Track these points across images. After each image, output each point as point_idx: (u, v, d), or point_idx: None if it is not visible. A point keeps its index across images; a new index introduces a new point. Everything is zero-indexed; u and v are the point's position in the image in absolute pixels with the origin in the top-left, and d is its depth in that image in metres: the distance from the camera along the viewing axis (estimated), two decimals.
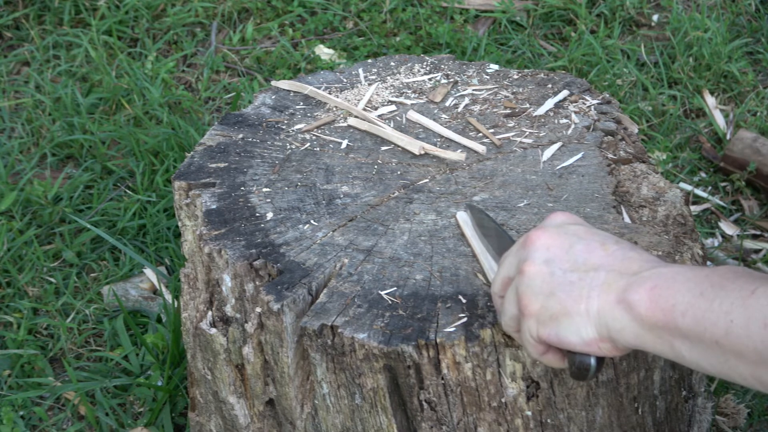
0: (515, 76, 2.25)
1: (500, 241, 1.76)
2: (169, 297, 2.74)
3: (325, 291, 1.79)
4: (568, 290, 1.50)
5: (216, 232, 1.90)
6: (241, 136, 2.12)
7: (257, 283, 1.84)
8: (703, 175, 3.19)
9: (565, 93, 2.18)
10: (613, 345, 1.50)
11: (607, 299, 1.47)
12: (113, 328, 2.73)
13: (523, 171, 2.02)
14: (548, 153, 2.06)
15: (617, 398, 1.84)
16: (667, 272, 1.45)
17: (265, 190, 1.99)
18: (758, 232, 3.03)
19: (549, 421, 1.78)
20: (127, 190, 3.11)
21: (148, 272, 2.87)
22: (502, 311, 1.60)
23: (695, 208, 3.07)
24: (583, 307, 1.49)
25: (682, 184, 3.13)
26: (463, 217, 1.91)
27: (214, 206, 1.95)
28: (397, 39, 3.64)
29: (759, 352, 1.36)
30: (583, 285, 1.49)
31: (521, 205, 1.94)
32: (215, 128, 2.15)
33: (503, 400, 1.75)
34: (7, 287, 2.86)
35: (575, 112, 2.15)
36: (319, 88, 2.25)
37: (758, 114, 3.33)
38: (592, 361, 1.52)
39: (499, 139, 2.09)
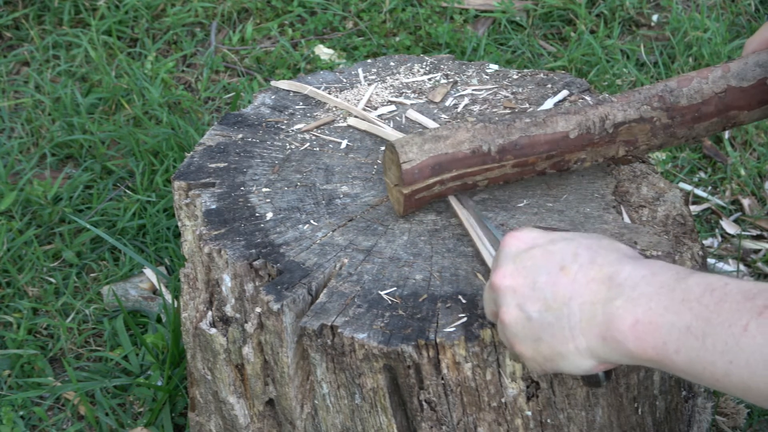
0: (515, 76, 2.25)
1: (491, 240, 1.78)
2: (168, 297, 2.74)
3: (324, 291, 1.79)
4: (550, 333, 1.50)
5: (216, 232, 1.90)
6: (240, 136, 2.13)
7: (257, 283, 1.84)
8: (703, 175, 3.19)
9: (564, 93, 2.18)
10: (614, 364, 1.51)
11: (591, 336, 1.47)
12: (113, 328, 2.73)
13: None
14: None
15: (617, 398, 1.84)
16: (638, 298, 1.43)
17: (264, 190, 2.00)
18: (759, 232, 3.03)
19: (549, 421, 1.79)
20: (127, 190, 3.12)
21: (148, 272, 2.87)
22: (503, 343, 1.62)
23: (696, 208, 3.07)
24: (572, 346, 1.49)
25: (681, 184, 3.13)
26: (456, 203, 1.92)
27: (213, 206, 1.95)
28: (397, 39, 3.64)
29: (766, 393, 1.34)
30: (562, 325, 1.49)
31: (521, 205, 1.94)
32: (215, 128, 2.15)
33: (503, 400, 1.75)
34: (7, 287, 2.86)
35: None
36: (318, 88, 2.25)
37: None
38: (601, 374, 1.56)
39: None
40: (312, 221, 1.93)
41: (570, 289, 1.49)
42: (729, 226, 3.03)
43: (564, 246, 1.53)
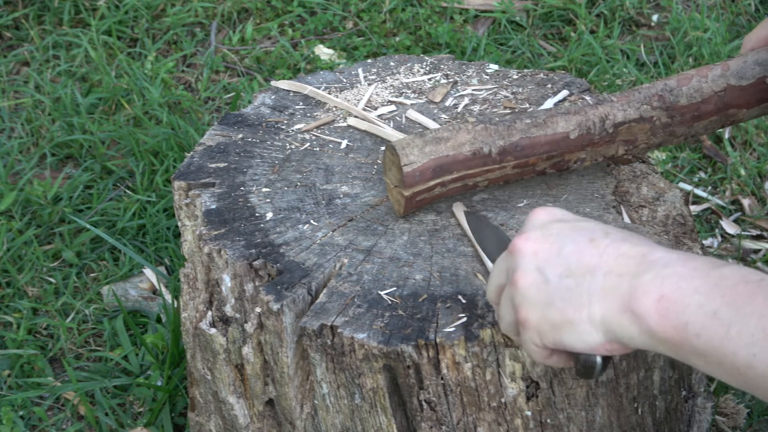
0: (515, 76, 2.25)
1: (500, 245, 1.73)
2: (168, 297, 2.74)
3: (324, 291, 1.79)
4: (566, 297, 1.44)
5: (216, 232, 1.90)
6: (240, 136, 2.13)
7: (257, 283, 1.84)
8: (703, 175, 3.19)
9: (564, 93, 2.18)
10: (622, 346, 1.44)
11: (610, 306, 1.41)
12: (113, 328, 2.73)
13: None
14: None
15: (617, 398, 1.84)
16: (669, 275, 1.38)
17: (264, 190, 1.99)
18: (759, 232, 3.03)
19: (549, 421, 1.79)
20: (127, 190, 3.12)
21: (148, 272, 2.87)
22: (499, 317, 1.54)
23: (695, 208, 3.07)
24: (585, 314, 1.43)
25: (681, 184, 3.13)
26: (461, 215, 1.91)
27: (213, 206, 1.95)
28: (397, 39, 3.64)
29: None
30: (581, 291, 1.43)
31: (521, 205, 1.94)
32: (215, 128, 2.15)
33: (503, 400, 1.75)
34: (7, 287, 2.86)
35: None
36: (318, 88, 2.25)
37: None
38: (598, 359, 1.48)
39: None
40: (312, 221, 1.93)
41: (597, 259, 1.43)
42: (729, 226, 3.03)
43: (595, 225, 1.48)
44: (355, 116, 2.17)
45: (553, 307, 1.45)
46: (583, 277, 1.43)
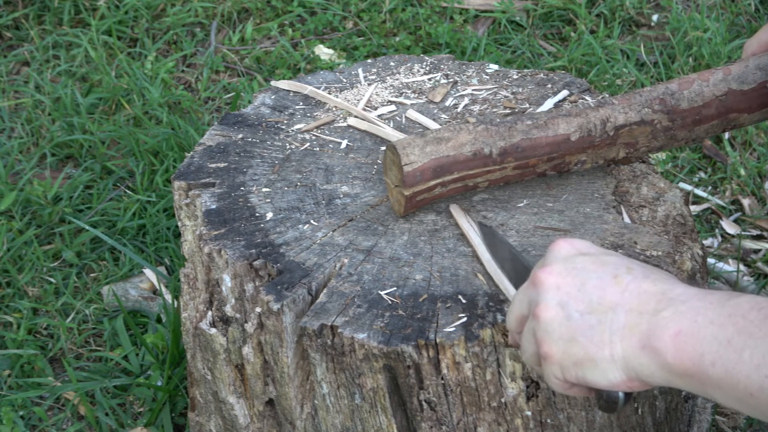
0: (515, 76, 2.25)
1: (515, 266, 1.72)
2: (168, 297, 2.74)
3: (324, 291, 1.79)
4: (589, 335, 1.45)
5: (216, 232, 1.90)
6: (240, 136, 2.13)
7: (257, 283, 1.84)
8: (703, 175, 3.19)
9: (564, 93, 2.18)
10: (642, 383, 1.46)
11: (630, 344, 1.42)
12: (113, 328, 2.73)
13: None
14: None
15: None
16: (686, 311, 1.40)
17: (264, 190, 2.00)
18: (759, 232, 3.03)
19: (549, 421, 1.79)
20: (127, 190, 3.12)
21: (148, 272, 2.87)
22: (522, 348, 1.55)
23: (695, 208, 3.07)
24: (608, 352, 1.44)
25: (681, 184, 3.13)
26: (461, 217, 1.91)
27: (213, 206, 1.95)
28: (397, 39, 3.65)
29: None
30: (603, 329, 1.44)
31: (521, 205, 1.94)
32: (215, 128, 2.15)
33: (503, 400, 1.75)
34: (7, 287, 2.86)
35: None
36: (318, 88, 2.25)
37: None
38: (621, 395, 1.49)
39: None
40: (312, 221, 1.93)
41: (619, 297, 1.45)
42: (729, 226, 3.03)
43: (618, 259, 1.50)
44: (355, 116, 2.17)
45: (575, 344, 1.46)
46: (605, 315, 1.45)
